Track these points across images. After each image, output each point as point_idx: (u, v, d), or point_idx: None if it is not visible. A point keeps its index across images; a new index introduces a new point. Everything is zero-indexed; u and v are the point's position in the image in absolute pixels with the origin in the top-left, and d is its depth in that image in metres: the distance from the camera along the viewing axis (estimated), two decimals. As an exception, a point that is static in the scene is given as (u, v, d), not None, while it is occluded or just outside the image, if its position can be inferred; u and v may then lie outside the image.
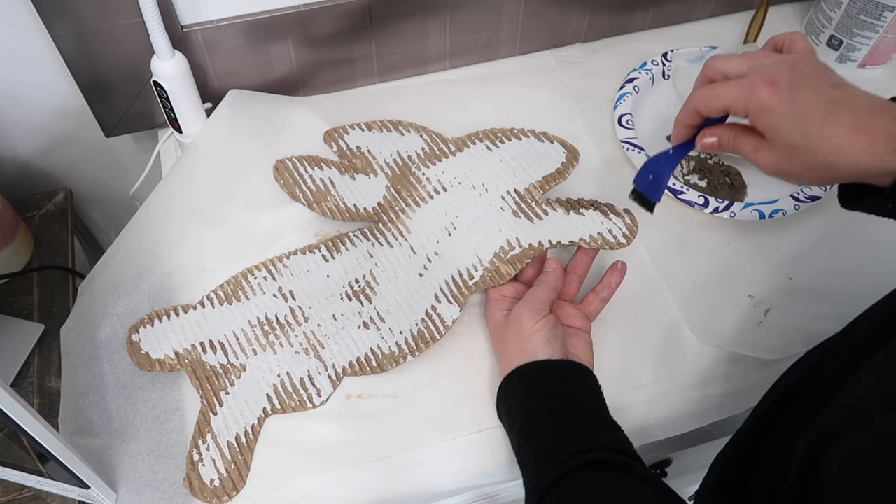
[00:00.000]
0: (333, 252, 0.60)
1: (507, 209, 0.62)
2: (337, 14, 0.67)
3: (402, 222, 0.62)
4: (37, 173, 0.77)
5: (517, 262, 0.58)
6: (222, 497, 0.50)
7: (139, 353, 0.54)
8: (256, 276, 0.59)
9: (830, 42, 0.77)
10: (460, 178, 0.64)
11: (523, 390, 0.51)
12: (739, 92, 0.45)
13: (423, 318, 0.56)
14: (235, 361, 0.55)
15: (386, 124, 0.69)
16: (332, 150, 0.68)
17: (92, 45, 0.62)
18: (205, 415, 0.53)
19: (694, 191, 0.65)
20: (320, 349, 0.55)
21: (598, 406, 0.50)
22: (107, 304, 0.58)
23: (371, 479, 0.52)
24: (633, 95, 0.72)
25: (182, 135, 0.66)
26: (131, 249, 0.61)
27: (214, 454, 0.51)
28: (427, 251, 0.60)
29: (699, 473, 0.67)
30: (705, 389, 0.56)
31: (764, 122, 0.44)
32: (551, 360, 0.51)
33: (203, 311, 0.57)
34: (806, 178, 0.45)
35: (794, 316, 0.60)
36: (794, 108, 0.43)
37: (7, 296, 0.66)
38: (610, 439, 0.47)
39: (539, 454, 0.47)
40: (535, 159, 0.65)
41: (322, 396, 0.54)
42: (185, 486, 0.50)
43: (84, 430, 0.53)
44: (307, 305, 0.57)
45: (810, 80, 0.43)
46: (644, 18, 0.80)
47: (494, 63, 0.78)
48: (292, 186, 0.63)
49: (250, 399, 0.53)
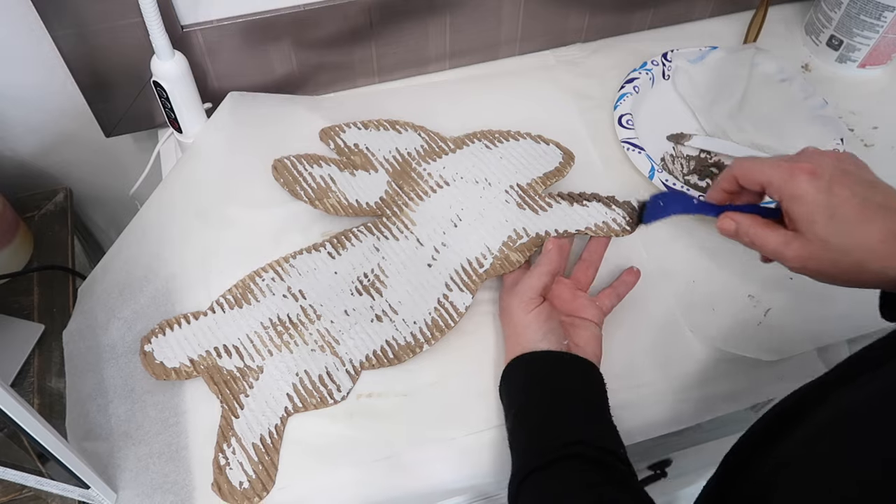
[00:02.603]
0: (339, 249, 0.60)
1: (512, 202, 0.62)
2: (337, 14, 0.67)
3: (407, 216, 0.62)
4: (37, 173, 0.77)
5: (526, 250, 0.59)
6: (253, 499, 0.50)
7: (154, 364, 0.54)
8: (264, 277, 0.59)
9: (830, 42, 0.77)
10: (462, 174, 0.64)
11: (523, 377, 0.51)
12: (780, 173, 0.45)
13: (436, 306, 0.57)
14: (252, 364, 0.55)
15: (382, 123, 0.69)
16: (329, 148, 0.68)
17: (92, 45, 0.62)
18: (226, 419, 0.52)
19: (694, 191, 0.65)
20: (336, 345, 0.56)
21: (597, 402, 0.50)
22: (112, 307, 0.58)
23: (378, 477, 0.52)
24: (633, 95, 0.72)
25: (182, 135, 0.66)
26: (134, 252, 0.61)
27: (241, 457, 0.51)
28: (434, 242, 0.60)
29: (699, 473, 0.68)
30: (705, 389, 0.56)
31: (797, 209, 0.45)
32: (555, 351, 0.51)
33: (214, 316, 0.57)
34: (835, 278, 0.45)
35: (794, 316, 0.60)
36: (830, 201, 0.43)
37: (7, 296, 0.66)
38: (601, 438, 0.47)
39: (528, 440, 0.48)
40: (534, 158, 0.65)
41: (342, 392, 0.54)
42: (214, 491, 0.50)
43: (92, 434, 0.53)
44: (318, 303, 0.57)
45: (849, 178, 0.44)
46: (644, 18, 0.80)
47: (494, 63, 0.78)
48: (292, 185, 0.63)
49: (271, 400, 0.53)
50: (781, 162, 0.46)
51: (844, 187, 0.43)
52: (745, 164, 0.49)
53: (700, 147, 0.71)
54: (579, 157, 0.68)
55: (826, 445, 0.35)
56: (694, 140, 0.71)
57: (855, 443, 0.33)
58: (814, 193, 0.44)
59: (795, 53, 0.80)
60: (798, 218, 0.45)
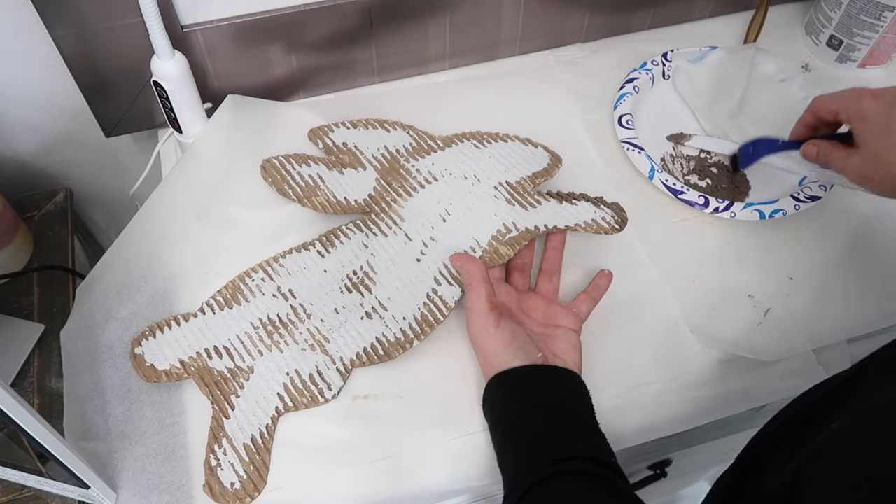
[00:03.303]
0: (328, 247, 0.60)
1: (501, 197, 0.62)
2: (337, 14, 0.67)
3: (395, 211, 0.62)
4: (37, 173, 0.77)
5: (515, 243, 0.59)
6: (244, 499, 0.50)
7: (144, 366, 0.54)
8: (254, 278, 0.59)
9: (830, 42, 0.77)
10: (451, 170, 0.65)
11: (505, 394, 0.50)
12: (849, 97, 0.54)
13: (425, 301, 0.57)
14: (242, 364, 0.55)
15: (371, 122, 0.69)
16: (318, 148, 0.68)
17: (92, 45, 0.62)
18: (217, 420, 0.52)
19: (694, 191, 0.65)
20: (326, 344, 0.55)
21: (582, 412, 0.49)
22: (110, 307, 0.58)
23: (375, 478, 0.52)
24: (633, 95, 0.72)
25: (182, 135, 0.66)
26: (133, 252, 0.61)
27: (232, 458, 0.51)
28: (422, 237, 0.60)
29: (699, 473, 0.68)
30: (705, 389, 0.56)
31: (859, 127, 0.52)
32: (529, 365, 0.50)
33: (204, 318, 0.57)
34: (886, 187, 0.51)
35: (793, 316, 0.60)
36: (886, 120, 0.50)
37: (7, 296, 0.66)
38: (590, 448, 0.47)
39: (518, 459, 0.47)
40: (522, 158, 0.66)
41: (333, 390, 0.54)
42: (206, 492, 0.50)
43: (89, 434, 0.53)
44: (308, 302, 0.57)
45: None
46: (644, 18, 0.80)
47: (494, 63, 0.78)
48: (281, 184, 0.64)
49: (262, 400, 0.53)
50: (852, 89, 0.54)
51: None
52: (820, 98, 0.57)
53: (700, 147, 0.71)
54: (579, 157, 0.68)
55: (866, 437, 0.35)
56: (694, 140, 0.71)
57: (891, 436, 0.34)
58: (875, 112, 0.51)
59: (795, 53, 0.80)
60: (859, 135, 0.52)
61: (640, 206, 0.64)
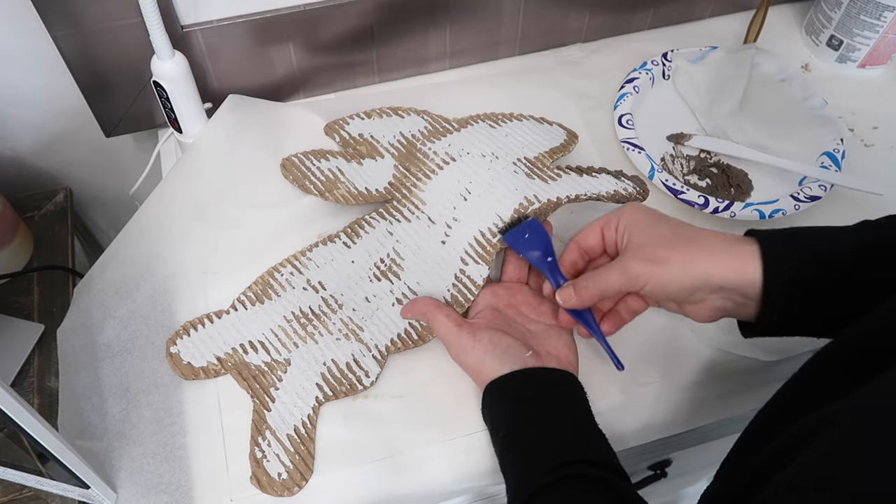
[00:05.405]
0: (353, 237, 0.61)
1: (521, 172, 0.63)
2: (338, 14, 0.67)
3: (416, 196, 0.62)
4: (37, 173, 0.77)
5: (540, 214, 0.59)
6: (293, 488, 0.50)
7: (181, 364, 0.55)
8: (283, 272, 0.59)
9: (830, 42, 0.77)
10: (468, 149, 0.65)
11: (501, 401, 0.50)
12: (604, 223, 0.52)
13: (454, 282, 0.57)
14: (279, 357, 0.55)
15: (385, 110, 0.70)
16: (335, 142, 0.68)
17: (92, 45, 0.62)
18: (259, 413, 0.53)
19: (694, 191, 0.65)
20: (360, 332, 0.56)
21: (579, 414, 0.49)
22: (108, 306, 0.58)
23: (375, 478, 0.52)
24: (633, 95, 0.72)
25: (182, 135, 0.66)
26: (132, 251, 0.61)
27: (277, 449, 0.52)
28: (445, 218, 0.60)
29: (699, 473, 0.68)
30: (705, 389, 0.56)
31: (623, 226, 0.51)
32: (525, 368, 0.49)
33: (237, 314, 0.57)
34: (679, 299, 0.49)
35: (794, 316, 0.60)
36: (648, 215, 0.50)
37: (7, 296, 0.66)
38: (592, 451, 0.46)
39: (520, 464, 0.47)
40: (539, 135, 0.67)
41: (371, 377, 0.54)
42: (254, 484, 0.50)
43: (86, 433, 0.53)
44: (339, 293, 0.58)
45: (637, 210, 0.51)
46: (644, 18, 0.80)
47: (494, 63, 0.78)
48: (302, 180, 0.64)
49: (301, 391, 0.54)
50: None
51: None
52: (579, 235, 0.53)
53: (700, 147, 0.71)
54: (579, 157, 0.68)
55: None
56: (694, 140, 0.71)
57: None
58: (634, 212, 0.50)
59: (795, 53, 0.80)
60: (627, 234, 0.49)
61: (640, 206, 0.64)
